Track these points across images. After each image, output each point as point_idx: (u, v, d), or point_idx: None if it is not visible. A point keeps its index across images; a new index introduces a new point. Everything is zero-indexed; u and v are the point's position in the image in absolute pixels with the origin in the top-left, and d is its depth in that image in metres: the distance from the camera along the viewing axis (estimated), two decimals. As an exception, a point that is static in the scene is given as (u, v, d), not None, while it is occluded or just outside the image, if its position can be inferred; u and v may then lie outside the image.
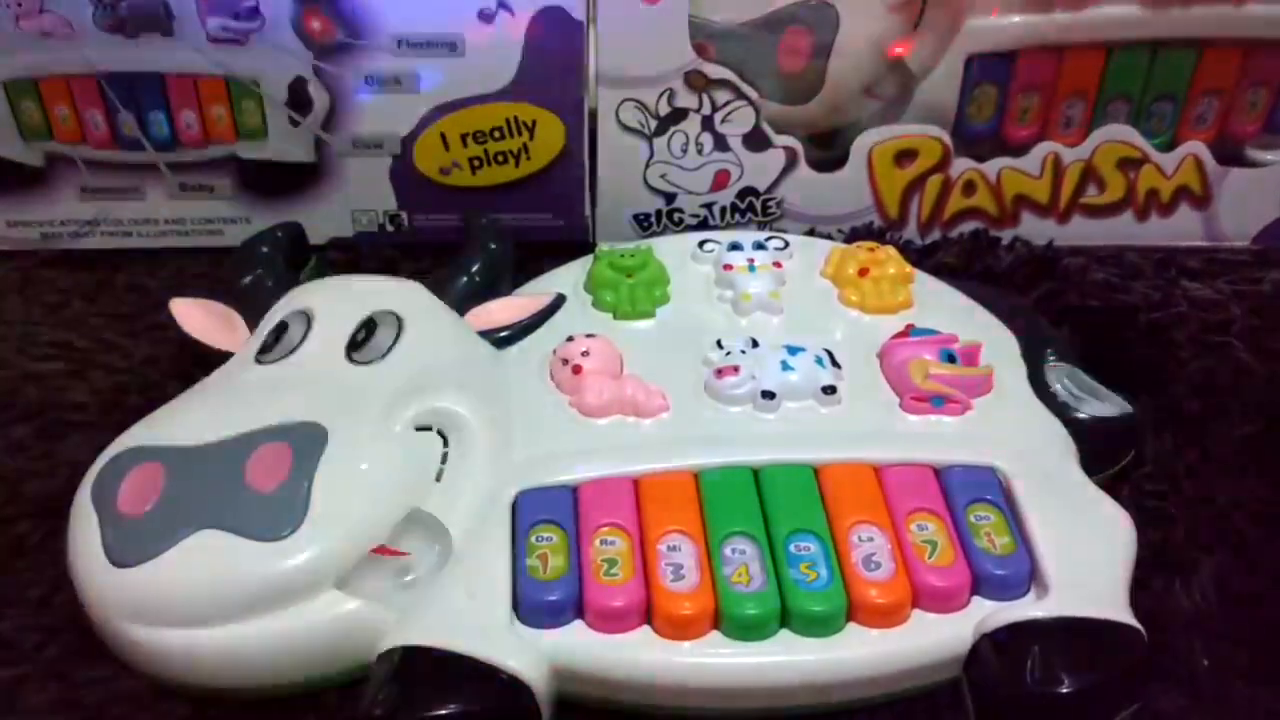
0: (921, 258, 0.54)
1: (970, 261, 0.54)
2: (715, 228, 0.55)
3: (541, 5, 0.49)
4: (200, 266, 0.55)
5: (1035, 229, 0.56)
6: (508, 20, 0.49)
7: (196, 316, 0.46)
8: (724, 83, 0.51)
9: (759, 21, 0.51)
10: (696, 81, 0.51)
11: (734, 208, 0.55)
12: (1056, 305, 0.52)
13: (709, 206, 0.55)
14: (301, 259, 0.51)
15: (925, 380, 0.42)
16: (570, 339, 0.44)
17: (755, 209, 0.55)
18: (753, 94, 0.51)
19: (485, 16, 0.49)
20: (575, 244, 0.56)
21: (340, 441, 0.38)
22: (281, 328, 0.44)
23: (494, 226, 0.49)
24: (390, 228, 0.55)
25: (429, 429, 0.41)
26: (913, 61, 0.53)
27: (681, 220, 0.55)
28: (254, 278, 0.47)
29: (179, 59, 0.49)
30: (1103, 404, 0.44)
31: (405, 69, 0.50)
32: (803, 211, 0.55)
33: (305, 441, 0.38)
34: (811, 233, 0.55)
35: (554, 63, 0.50)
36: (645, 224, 0.55)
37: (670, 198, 0.54)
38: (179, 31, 0.49)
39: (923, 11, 0.51)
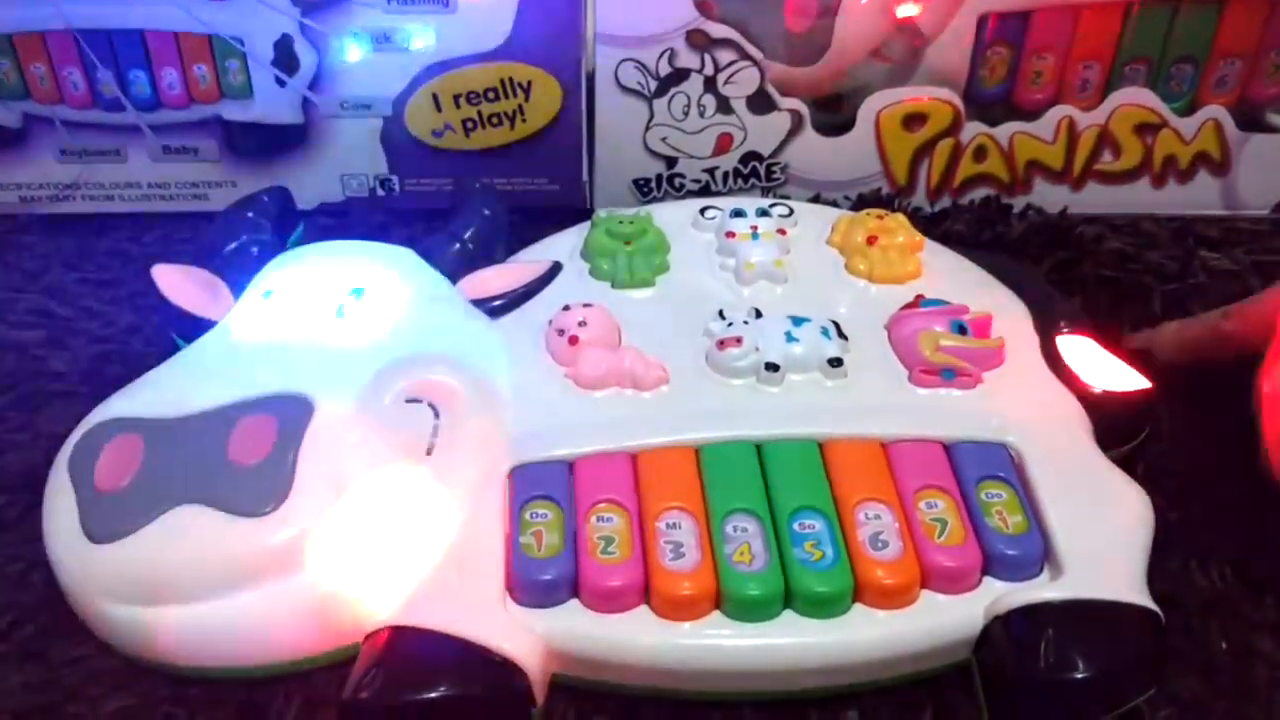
0: (930, 225, 0.53)
1: (981, 229, 0.53)
2: (717, 194, 0.54)
3: (537, -39, 0.47)
4: (186, 231, 0.54)
5: (1048, 196, 0.54)
6: (501, -24, 0.47)
7: (180, 283, 0.45)
8: (727, 42, 0.49)
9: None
10: (698, 40, 0.49)
11: (737, 173, 0.53)
12: (1070, 275, 0.51)
13: (711, 171, 0.53)
14: (289, 225, 0.49)
15: (935, 353, 0.41)
16: (566, 308, 0.43)
17: (759, 174, 0.53)
18: (757, 54, 0.50)
19: (479, -28, 0.47)
20: (573, 209, 0.54)
21: (326, 414, 0.37)
22: (266, 295, 0.42)
23: (488, 192, 0.48)
24: (381, 192, 0.53)
25: (419, 401, 0.39)
26: (923, 23, 0.51)
27: (682, 186, 0.54)
28: (239, 244, 0.46)
29: (159, 15, 0.48)
30: (1118, 378, 0.42)
31: (395, 26, 0.48)
32: (808, 177, 0.53)
33: (289, 414, 0.37)
34: (817, 199, 0.54)
35: (550, 21, 0.48)
36: (645, 189, 0.54)
37: (671, 162, 0.53)
38: (158, -14, 0.47)
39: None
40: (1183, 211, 0.55)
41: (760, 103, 0.51)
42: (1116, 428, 0.41)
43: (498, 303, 0.44)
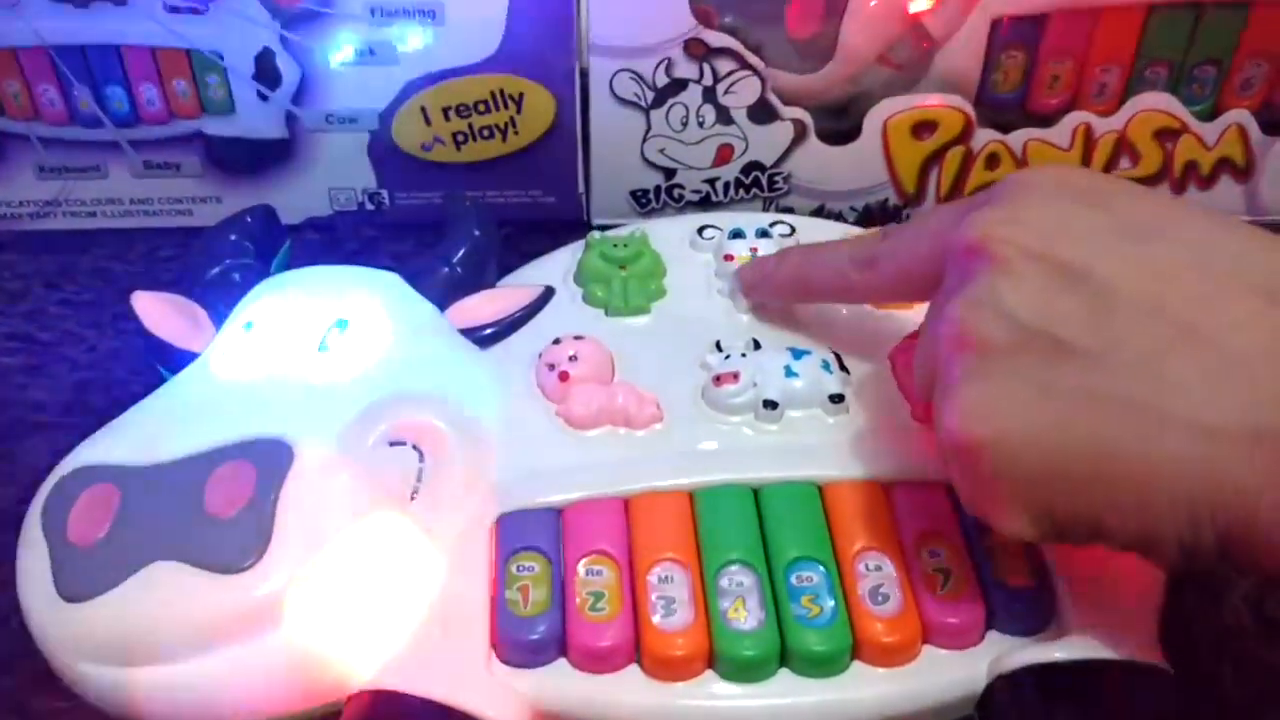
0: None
1: (992, 242, 0.51)
2: (718, 204, 0.52)
3: (527, -31, 0.45)
4: (170, 247, 0.52)
5: (1063, 204, 0.52)
6: (489, -14, 0.46)
7: (160, 313, 0.44)
8: (727, 51, 0.48)
9: (767, -17, 0.47)
10: (697, 50, 0.47)
11: (738, 183, 0.52)
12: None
13: (711, 182, 0.52)
14: (275, 244, 0.48)
15: (940, 388, 0.39)
16: (557, 341, 0.41)
17: (761, 184, 0.52)
18: (758, 63, 0.48)
19: (465, -19, 0.45)
20: (569, 222, 0.53)
21: (306, 459, 0.36)
22: (247, 328, 0.41)
23: (477, 210, 0.46)
24: (370, 206, 0.52)
25: (403, 443, 0.38)
26: (933, 25, 0.49)
27: (682, 197, 0.52)
28: (221, 269, 0.45)
29: (134, 30, 0.46)
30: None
31: (380, 39, 0.47)
32: (812, 187, 0.52)
33: (269, 460, 0.36)
34: (821, 209, 0.52)
35: (541, 32, 0.47)
36: (643, 201, 0.52)
37: (670, 173, 0.51)
38: (132, 1, 0.45)
39: (945, -28, 0.48)
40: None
41: (762, 112, 0.49)
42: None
43: (488, 331, 0.43)
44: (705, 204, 0.52)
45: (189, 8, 0.45)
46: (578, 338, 0.41)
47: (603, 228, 0.50)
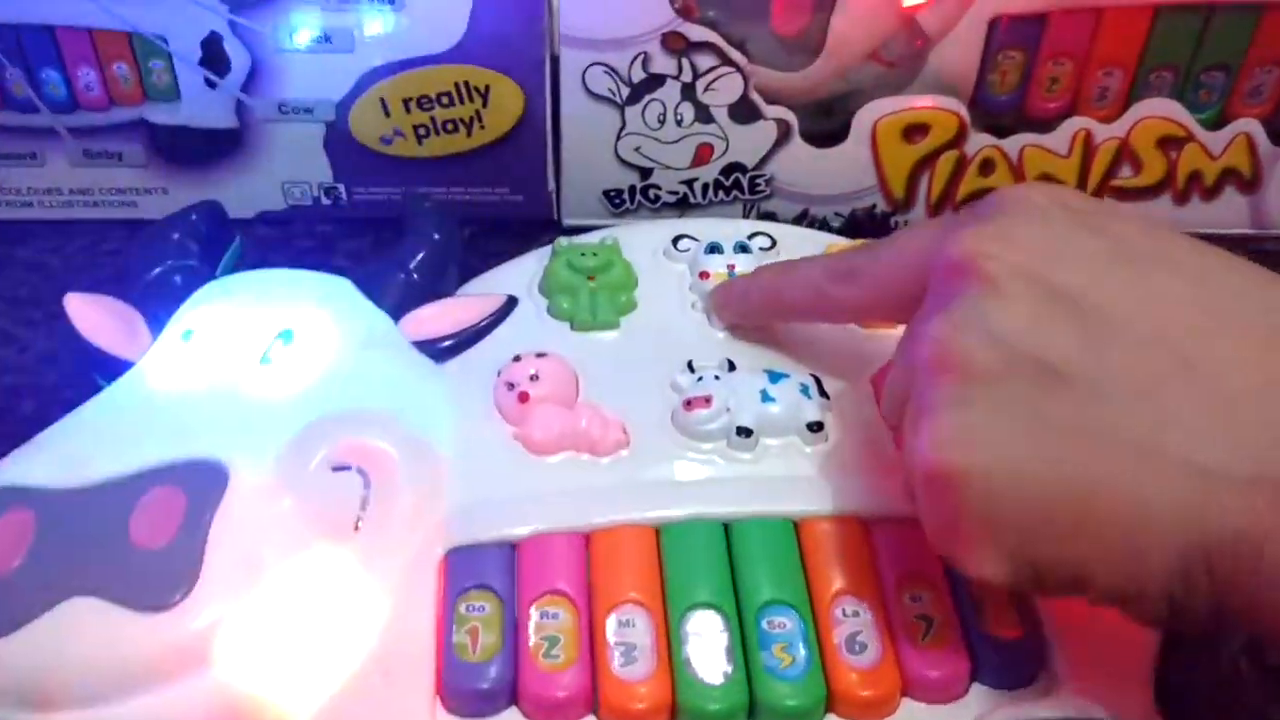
0: (929, 246, 0.49)
1: (984, 254, 0.48)
2: (696, 206, 0.49)
3: (494, -45, 0.42)
4: (114, 241, 0.49)
5: (1059, 213, 0.50)
6: (454, -29, 0.43)
7: (95, 317, 0.41)
8: (707, 46, 0.45)
9: (751, -25, 0.44)
10: (676, 44, 0.44)
11: (718, 185, 0.49)
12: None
13: (689, 183, 0.49)
14: (223, 242, 0.45)
15: (926, 416, 0.37)
16: (518, 359, 0.39)
17: (742, 186, 0.49)
18: (740, 59, 0.45)
19: (428, -35, 0.42)
20: (538, 222, 0.50)
21: (241, 484, 0.33)
22: (185, 336, 0.39)
23: (438, 212, 0.43)
24: (326, 201, 0.49)
25: (347, 468, 0.36)
26: (928, 22, 0.46)
27: (658, 198, 0.49)
28: (161, 271, 0.42)
29: (69, 10, 0.43)
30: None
31: (336, 25, 0.44)
32: (796, 190, 0.49)
33: (200, 485, 0.33)
34: (805, 214, 0.50)
35: (509, 21, 0.44)
36: (617, 201, 0.49)
37: (645, 173, 0.48)
38: (67, -22, 0.42)
39: (941, -34, 0.45)
40: (1205, 230, 0.50)
41: (744, 111, 0.47)
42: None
43: (444, 344, 0.40)
44: (683, 205, 0.49)
45: (129, -13, 0.42)
46: (540, 355, 0.39)
47: (574, 229, 0.48)
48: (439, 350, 0.40)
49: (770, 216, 0.49)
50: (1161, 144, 0.48)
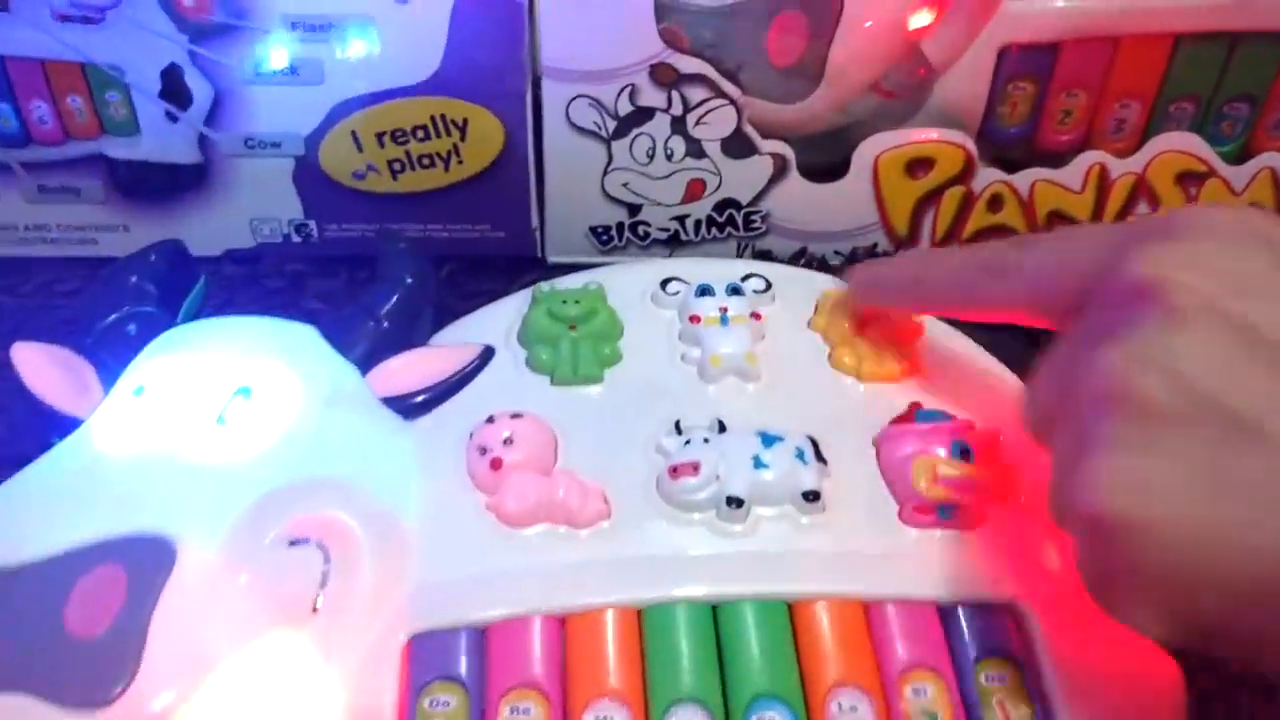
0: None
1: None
2: (688, 244, 0.47)
3: (469, -18, 0.40)
4: (74, 280, 0.47)
5: (1072, 251, 0.47)
6: (427, 0, 0.40)
7: (43, 369, 0.38)
8: (698, 78, 0.42)
9: (745, 4, 0.42)
10: (665, 76, 0.42)
11: (711, 221, 0.46)
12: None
13: (681, 220, 0.46)
14: (185, 284, 0.43)
15: (932, 485, 0.34)
16: (491, 420, 0.36)
17: (736, 224, 0.46)
18: (734, 91, 0.42)
19: (400, -6, 0.40)
20: (522, 259, 0.47)
21: (189, 563, 0.31)
22: (137, 393, 0.36)
23: (411, 253, 0.41)
24: (297, 238, 0.46)
25: (306, 542, 0.33)
26: (933, 51, 0.44)
27: (648, 235, 0.47)
28: (116, 319, 0.39)
29: (18, 40, 0.41)
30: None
31: (304, 56, 0.41)
32: (793, 227, 0.46)
33: (144, 563, 0.31)
34: (803, 253, 0.47)
35: (486, 52, 0.41)
36: (604, 239, 0.47)
37: (634, 209, 0.46)
38: (15, 6, 0.40)
39: (949, -7, 0.42)
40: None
41: (737, 145, 0.44)
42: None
43: (415, 400, 0.38)
44: (674, 243, 0.47)
45: (81, 16, 0.40)
46: (515, 416, 0.36)
47: (559, 266, 0.45)
48: (409, 406, 0.38)
49: (766, 255, 0.47)
50: (1181, 179, 0.46)
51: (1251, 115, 0.45)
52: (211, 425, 0.35)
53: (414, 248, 0.41)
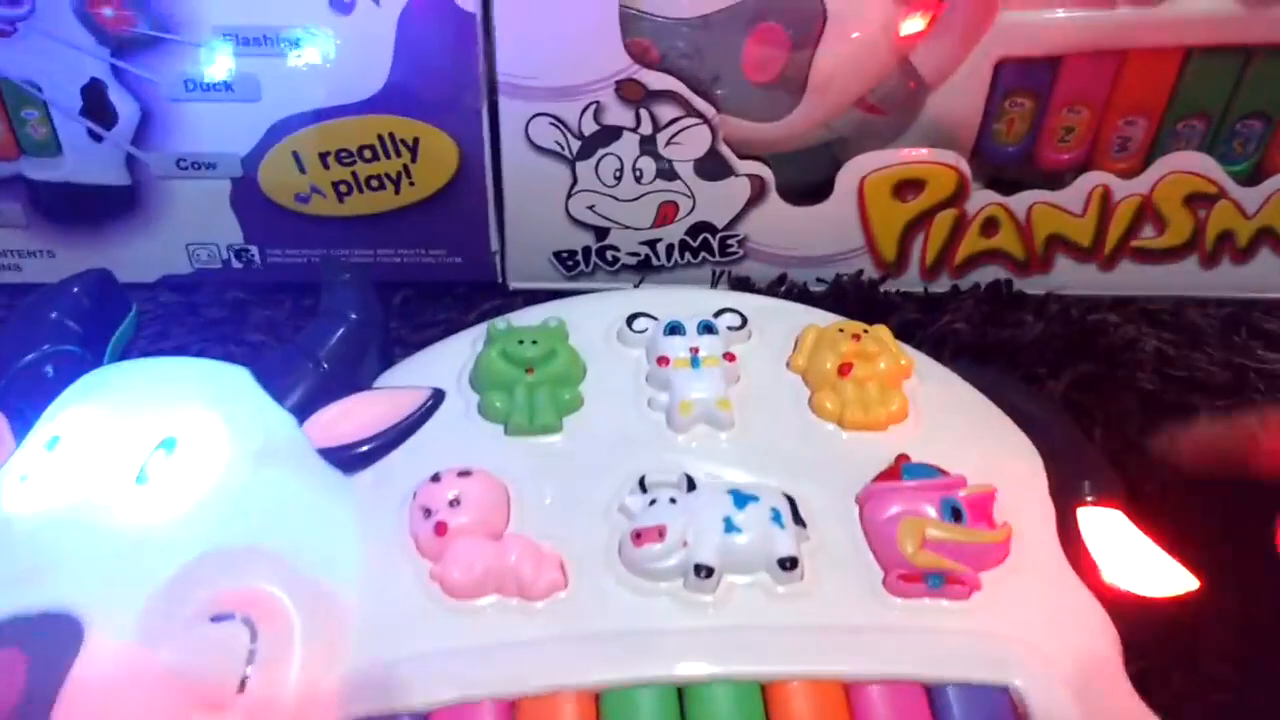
0: (925, 316, 0.43)
1: (986, 329, 0.43)
2: (661, 268, 0.44)
3: (417, -10, 0.37)
4: (-4, 308, 0.44)
5: (1072, 276, 0.45)
6: (370, 11, 0.37)
7: (-48, 417, 0.35)
8: (669, 94, 0.39)
9: (720, 14, 0.38)
10: (632, 93, 0.39)
11: (684, 246, 0.43)
12: (1097, 391, 0.41)
13: (652, 244, 0.43)
14: (114, 316, 0.40)
15: (919, 550, 0.32)
16: (436, 478, 0.33)
17: (711, 248, 0.43)
18: (707, 109, 0.39)
19: (340, 4, 0.37)
20: (481, 285, 0.45)
21: (99, 644, 0.28)
22: (50, 445, 0.33)
23: (357, 285, 0.38)
24: (238, 264, 0.43)
25: (231, 617, 0.30)
26: (924, 64, 0.41)
27: (617, 260, 0.44)
28: (32, 359, 0.36)
29: (-78, 54, 0.37)
30: (1160, 573, 0.33)
31: (238, 71, 0.38)
32: (772, 252, 0.44)
33: (48, 645, 0.28)
34: (783, 280, 0.44)
35: (436, 66, 0.38)
36: (570, 264, 0.44)
37: (602, 233, 0.43)
38: (-82, 19, 0.37)
39: (942, 2, 0.39)
40: (1237, 296, 0.45)
41: (712, 166, 0.41)
42: (1150, 644, 0.32)
43: (357, 450, 0.35)
44: (644, 268, 0.44)
45: (-8, 28, 0.37)
46: (463, 473, 0.33)
47: (521, 292, 0.42)
48: (350, 458, 0.35)
49: (744, 282, 0.44)
50: (1189, 201, 0.43)
51: (1265, 133, 0.43)
52: (130, 484, 0.32)
53: (359, 279, 0.38)
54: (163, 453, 0.33)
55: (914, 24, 0.41)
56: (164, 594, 0.30)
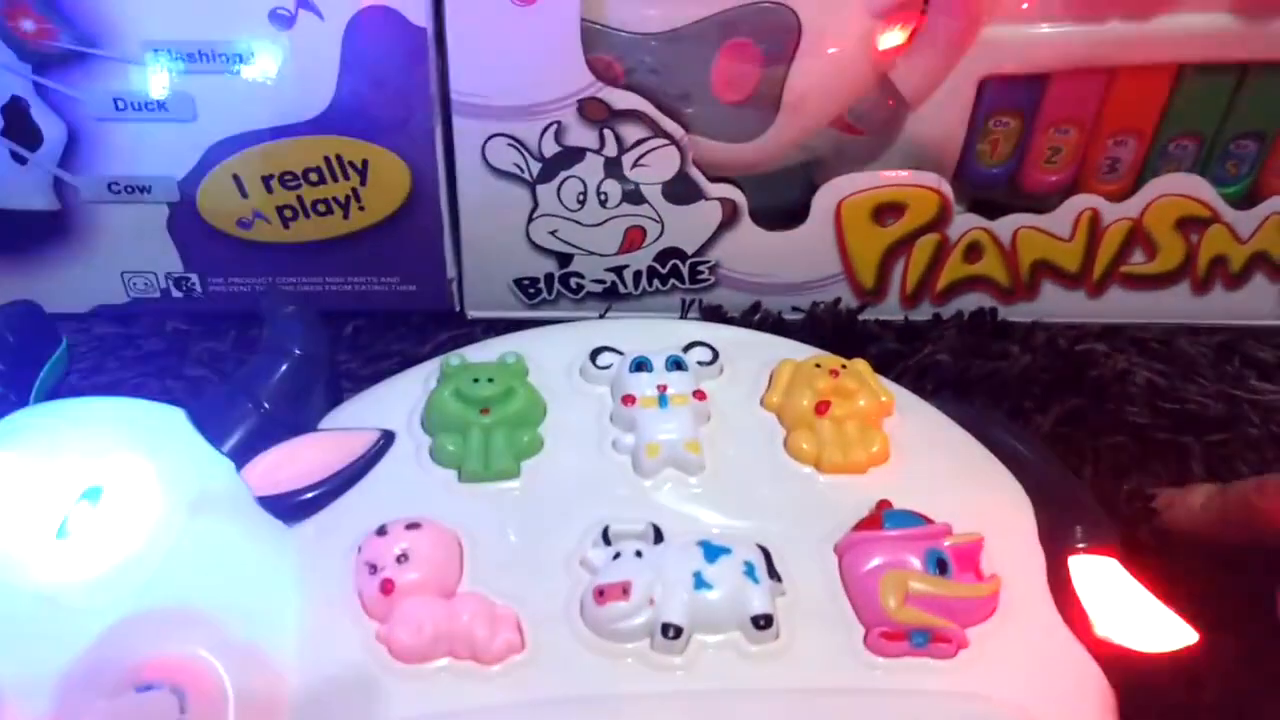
0: (905, 346, 0.41)
1: (969, 361, 0.41)
2: (628, 296, 0.42)
3: (362, 5, 0.34)
4: (-84, 340, 0.41)
5: (1058, 303, 0.43)
6: (314, 25, 0.35)
7: None
8: (635, 114, 0.37)
9: (688, 29, 0.37)
10: (596, 113, 0.37)
11: (652, 272, 0.42)
12: (1086, 426, 0.39)
13: (618, 271, 0.41)
14: (42, 351, 0.37)
15: (902, 606, 0.30)
16: (383, 531, 0.31)
17: (681, 275, 0.42)
18: (676, 130, 0.38)
19: (281, 18, 0.35)
20: (438, 314, 0.43)
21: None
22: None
23: (300, 317, 0.36)
24: (177, 293, 0.41)
25: (158, 687, 0.28)
26: (904, 82, 0.39)
27: (581, 288, 0.42)
28: (-50, 399, 0.34)
29: None
30: (1157, 626, 0.31)
31: (172, 89, 0.36)
32: (745, 279, 0.42)
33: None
34: (756, 308, 0.42)
35: (385, 83, 0.36)
36: (531, 291, 0.42)
37: (565, 259, 0.41)
38: None
39: (923, 16, 0.38)
40: (1229, 323, 0.44)
41: (681, 189, 0.39)
42: (1147, 702, 0.31)
43: (300, 498, 0.33)
44: (611, 295, 0.42)
45: (-99, 43, 0.34)
46: (411, 525, 0.31)
47: (480, 321, 0.41)
48: (291, 507, 0.33)
49: (716, 310, 0.42)
50: (1181, 225, 0.42)
51: (1259, 154, 0.42)
52: (49, 538, 0.30)
53: (304, 311, 0.36)
54: (86, 504, 0.31)
55: (893, 39, 0.39)
56: (84, 663, 0.28)
